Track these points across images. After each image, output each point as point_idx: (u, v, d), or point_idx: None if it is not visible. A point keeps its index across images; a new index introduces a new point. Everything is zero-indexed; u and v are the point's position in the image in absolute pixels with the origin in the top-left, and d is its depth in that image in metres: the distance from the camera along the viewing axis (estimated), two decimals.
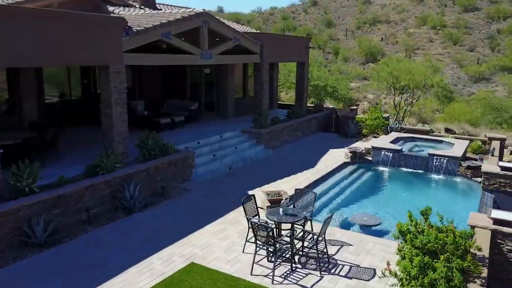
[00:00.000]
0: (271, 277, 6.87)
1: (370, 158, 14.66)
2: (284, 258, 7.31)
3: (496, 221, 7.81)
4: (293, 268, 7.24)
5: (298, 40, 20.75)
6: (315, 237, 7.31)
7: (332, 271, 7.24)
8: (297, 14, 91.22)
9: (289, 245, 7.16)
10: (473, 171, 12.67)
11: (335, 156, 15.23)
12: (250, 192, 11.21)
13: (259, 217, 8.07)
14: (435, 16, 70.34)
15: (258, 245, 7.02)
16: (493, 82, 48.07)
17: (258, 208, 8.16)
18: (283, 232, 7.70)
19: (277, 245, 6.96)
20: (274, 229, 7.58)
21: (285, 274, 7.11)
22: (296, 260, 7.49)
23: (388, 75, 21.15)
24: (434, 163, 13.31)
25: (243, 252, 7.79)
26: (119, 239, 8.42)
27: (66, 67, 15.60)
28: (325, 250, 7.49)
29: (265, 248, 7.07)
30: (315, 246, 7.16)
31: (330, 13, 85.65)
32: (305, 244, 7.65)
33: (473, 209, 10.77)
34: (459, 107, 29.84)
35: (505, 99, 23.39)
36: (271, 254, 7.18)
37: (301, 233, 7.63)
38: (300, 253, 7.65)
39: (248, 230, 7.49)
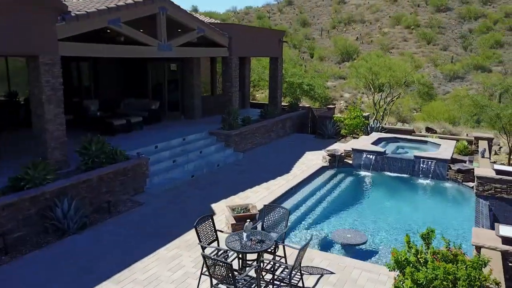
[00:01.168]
0: None
1: (351, 162, 13.27)
2: None
3: (506, 240, 6.45)
4: None
5: (271, 33, 19.21)
6: (288, 268, 5.72)
7: None
8: (272, 14, 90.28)
9: (255, 281, 5.54)
10: (464, 175, 11.44)
11: (312, 160, 13.76)
12: (214, 206, 9.56)
13: (218, 243, 6.42)
14: (408, 16, 70.83)
15: (214, 284, 5.37)
16: (468, 80, 48.23)
17: (218, 232, 6.48)
18: (248, 262, 6.06)
19: (239, 283, 5.33)
20: (237, 260, 5.96)
21: None
22: None
23: (367, 71, 19.91)
24: (421, 167, 12.02)
25: None
26: (41, 273, 6.58)
27: (5, 60, 13.44)
28: (300, 284, 5.91)
29: (224, 286, 5.42)
30: (288, 279, 5.57)
31: (305, 13, 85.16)
32: (276, 276, 6.04)
33: (467, 219, 9.51)
34: (437, 105, 29.13)
35: (486, 97, 22.67)
36: None
37: (271, 263, 6.02)
38: None
39: (203, 265, 5.81)
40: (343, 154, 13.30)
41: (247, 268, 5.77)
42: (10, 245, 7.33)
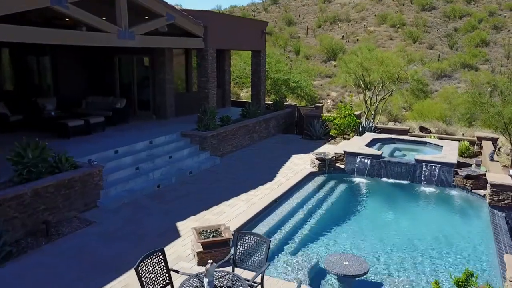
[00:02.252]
0: None
1: (343, 166, 11.70)
2: None
3: None
4: None
5: (253, 23, 17.51)
6: None
7: None
8: (257, 13, 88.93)
9: None
10: (473, 182, 9.96)
11: (299, 164, 12.14)
12: (180, 224, 7.82)
13: None
14: (394, 15, 70.44)
15: None
16: (455, 79, 47.59)
17: (172, 271, 4.76)
18: None
19: None
20: None
21: None
22: None
23: (358, 66, 18.39)
24: (424, 172, 10.51)
25: None
26: None
27: None
28: None
29: None
30: None
31: (291, 12, 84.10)
32: None
33: (482, 234, 8.01)
34: (428, 104, 27.96)
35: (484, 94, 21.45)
36: None
37: None
38: None
39: None
40: (334, 157, 11.72)
41: None
42: None
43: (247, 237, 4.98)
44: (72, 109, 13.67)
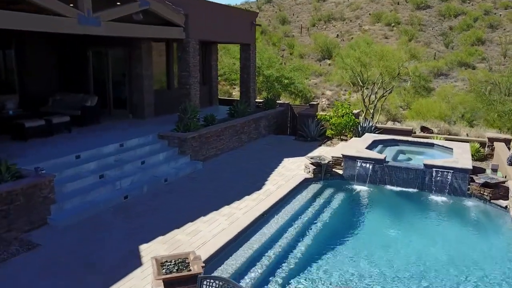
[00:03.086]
0: None
1: (341, 172, 10.32)
2: None
3: None
4: None
5: (241, 13, 16.00)
6: None
7: None
8: None
9: None
10: (492, 190, 8.62)
11: (292, 170, 10.75)
12: (143, 248, 6.37)
13: None
14: (388, 14, 69.66)
15: None
16: (452, 77, 46.61)
17: None
18: None
19: None
20: None
21: None
22: None
23: (355, 61, 17.03)
24: (434, 179, 9.16)
25: None
26: None
27: None
28: None
29: None
30: None
31: (285, 10, 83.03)
32: None
33: (507, 255, 6.66)
34: (426, 103, 26.74)
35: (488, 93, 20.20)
36: None
37: None
38: None
39: None
40: (331, 162, 10.34)
41: None
42: None
43: (213, 284, 3.56)
44: (36, 108, 12.18)
